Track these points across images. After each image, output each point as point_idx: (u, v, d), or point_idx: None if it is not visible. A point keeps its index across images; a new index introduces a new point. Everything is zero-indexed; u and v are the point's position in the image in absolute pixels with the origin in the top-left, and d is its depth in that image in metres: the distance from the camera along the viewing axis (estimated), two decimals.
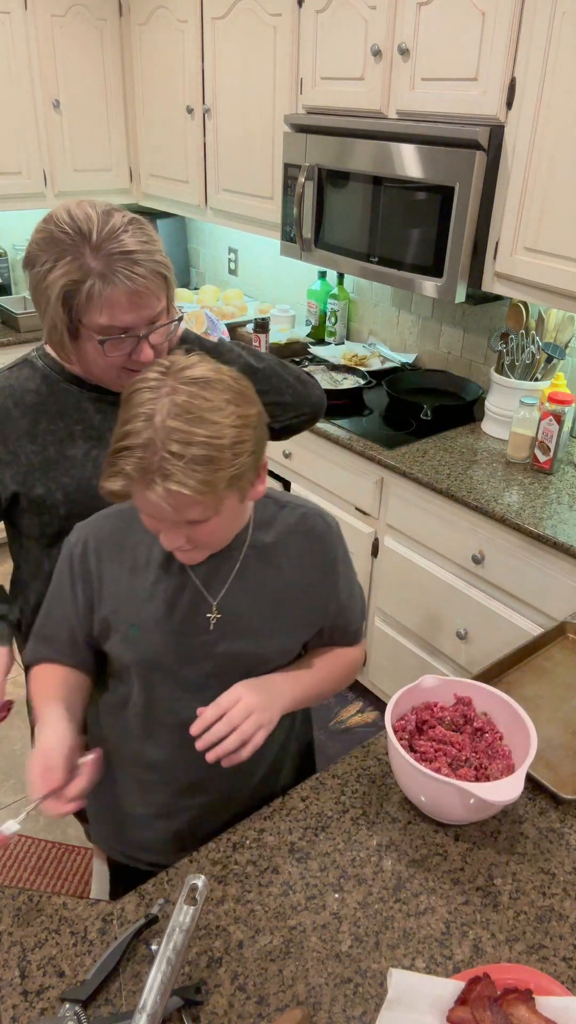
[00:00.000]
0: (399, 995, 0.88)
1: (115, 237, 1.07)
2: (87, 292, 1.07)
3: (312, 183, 2.44)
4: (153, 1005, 0.80)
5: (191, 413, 0.87)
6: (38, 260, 1.10)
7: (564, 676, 1.42)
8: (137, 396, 0.90)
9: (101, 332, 1.11)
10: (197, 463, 0.86)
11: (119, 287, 1.07)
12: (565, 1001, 0.87)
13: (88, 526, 1.12)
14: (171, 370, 0.91)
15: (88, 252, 1.06)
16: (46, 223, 1.10)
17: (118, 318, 1.10)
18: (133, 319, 1.11)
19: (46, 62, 3.07)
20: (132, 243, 1.08)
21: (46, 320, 1.13)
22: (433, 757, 1.11)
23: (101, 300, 1.08)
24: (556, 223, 1.88)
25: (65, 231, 1.07)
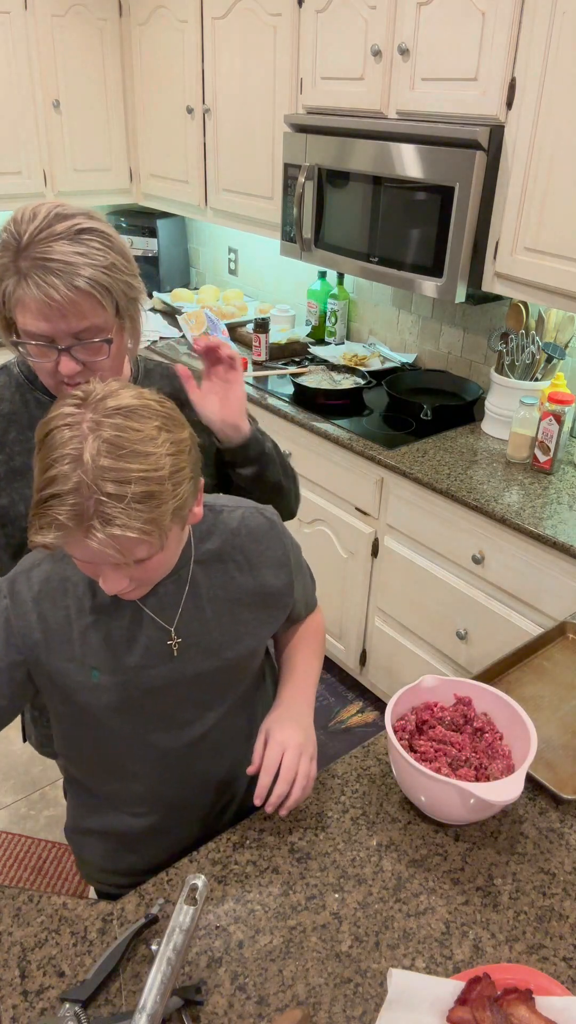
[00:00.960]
0: (399, 995, 0.88)
1: (46, 243, 1.03)
2: (10, 293, 1.06)
3: (312, 183, 2.44)
4: (153, 1005, 0.80)
5: (122, 448, 0.79)
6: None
7: (564, 676, 1.42)
8: (57, 435, 0.81)
9: (25, 335, 1.09)
10: (138, 501, 0.79)
11: (29, 293, 1.04)
12: (565, 1001, 0.87)
13: (20, 578, 1.02)
14: (89, 400, 0.83)
15: (19, 253, 1.04)
16: (8, 220, 1.09)
17: (36, 325, 1.06)
18: (48, 329, 1.07)
19: (46, 62, 3.07)
20: (62, 253, 1.03)
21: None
22: (433, 757, 1.11)
23: (14, 301, 1.06)
24: (556, 223, 1.88)
25: (10, 228, 1.06)
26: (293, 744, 1.07)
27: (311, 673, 1.22)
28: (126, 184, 3.49)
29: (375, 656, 2.59)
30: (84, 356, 1.11)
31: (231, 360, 1.25)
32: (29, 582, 1.01)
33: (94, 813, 1.20)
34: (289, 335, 3.06)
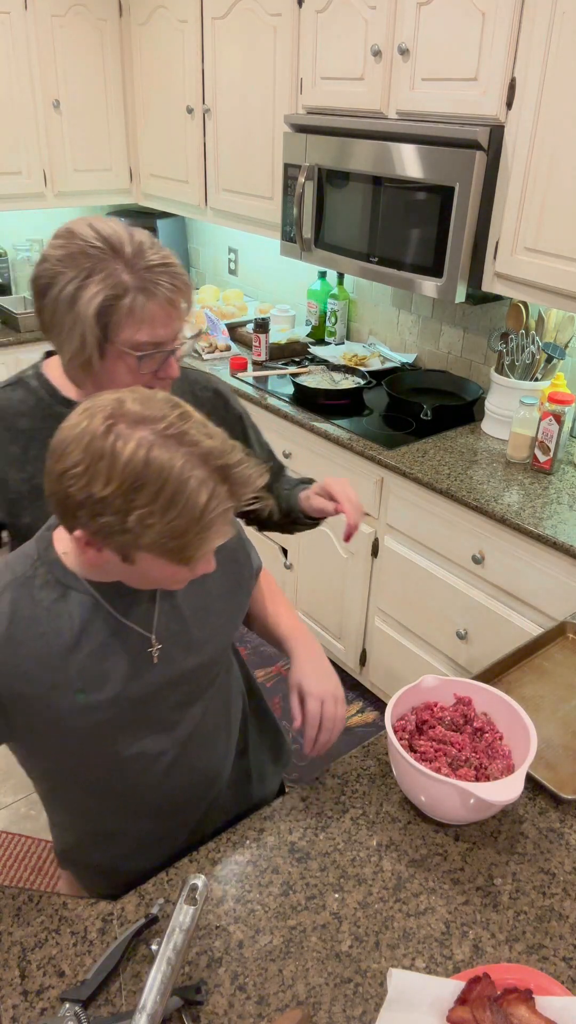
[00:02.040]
0: (399, 995, 0.88)
1: (152, 250, 1.05)
2: (128, 307, 1.02)
3: (312, 183, 2.44)
4: (153, 1005, 0.80)
5: (204, 426, 0.84)
6: (61, 277, 1.03)
7: (564, 676, 1.42)
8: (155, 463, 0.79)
9: (137, 348, 1.06)
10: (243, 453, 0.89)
11: (159, 300, 1.04)
12: (565, 1001, 0.87)
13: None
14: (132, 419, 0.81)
15: (122, 267, 1.02)
16: (68, 239, 1.04)
17: (155, 332, 1.06)
18: (166, 333, 1.07)
19: (46, 62, 3.07)
20: (164, 256, 1.06)
21: (71, 340, 1.05)
22: (433, 757, 1.11)
23: (142, 314, 1.04)
24: (556, 223, 1.88)
25: (94, 246, 1.02)
26: (329, 695, 1.16)
27: (302, 624, 1.27)
28: (126, 184, 3.49)
29: (375, 656, 2.59)
30: (181, 354, 1.13)
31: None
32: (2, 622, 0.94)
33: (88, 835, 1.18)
34: (289, 335, 3.06)
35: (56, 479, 0.83)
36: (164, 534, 0.81)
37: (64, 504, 0.83)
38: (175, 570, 0.88)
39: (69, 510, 0.83)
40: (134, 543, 0.82)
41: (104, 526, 0.81)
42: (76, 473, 0.80)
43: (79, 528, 0.84)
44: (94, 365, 1.07)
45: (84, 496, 0.80)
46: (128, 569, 0.89)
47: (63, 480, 0.81)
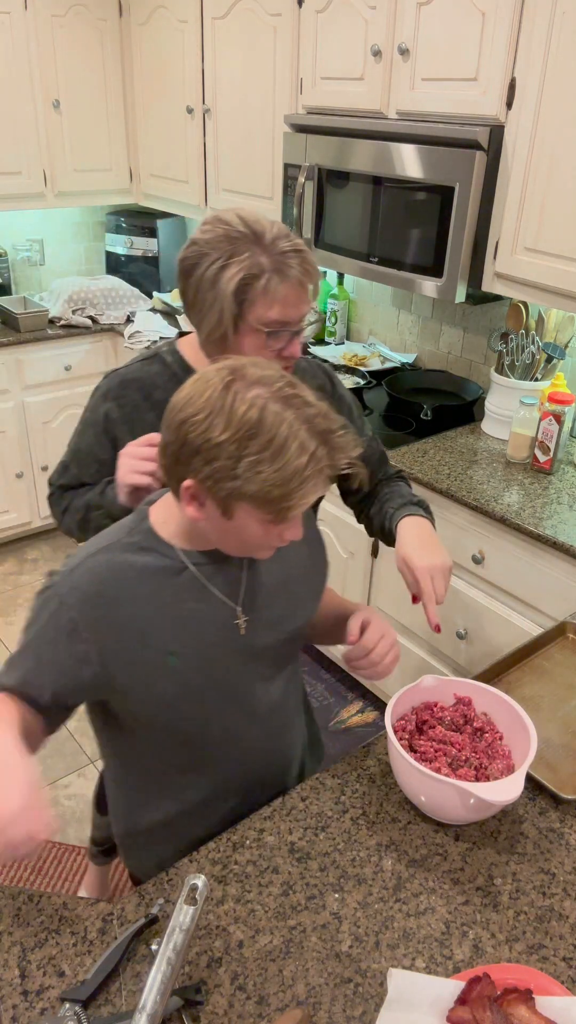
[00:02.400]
0: (399, 995, 0.88)
1: (285, 238, 1.16)
2: (263, 286, 1.13)
3: (312, 183, 2.44)
4: (153, 1005, 0.80)
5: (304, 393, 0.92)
6: (206, 258, 1.14)
7: (564, 676, 1.42)
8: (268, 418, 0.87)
9: (267, 326, 1.17)
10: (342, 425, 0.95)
11: (292, 281, 1.15)
12: (565, 1001, 0.87)
13: (77, 576, 1.01)
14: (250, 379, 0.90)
15: (260, 251, 1.13)
16: (214, 224, 1.16)
17: (285, 312, 1.17)
18: (295, 314, 1.18)
19: (46, 62, 3.07)
20: (295, 243, 1.16)
21: (210, 315, 1.16)
22: (433, 757, 1.11)
23: (276, 294, 1.14)
24: (556, 223, 1.88)
25: (238, 231, 1.14)
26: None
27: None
28: (126, 184, 3.49)
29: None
30: (303, 337, 1.23)
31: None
32: (91, 577, 1.00)
33: (157, 810, 1.19)
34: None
35: (176, 427, 0.90)
36: (269, 482, 0.87)
37: (180, 452, 0.90)
38: (268, 530, 0.93)
39: (185, 457, 0.90)
40: (239, 491, 0.88)
41: (216, 471, 0.88)
42: (196, 421, 0.88)
43: (190, 477, 0.90)
44: (228, 340, 1.18)
45: (202, 442, 0.87)
46: (224, 527, 0.94)
47: (183, 427, 0.89)
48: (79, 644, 1.00)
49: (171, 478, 0.94)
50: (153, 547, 1.01)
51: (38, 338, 3.25)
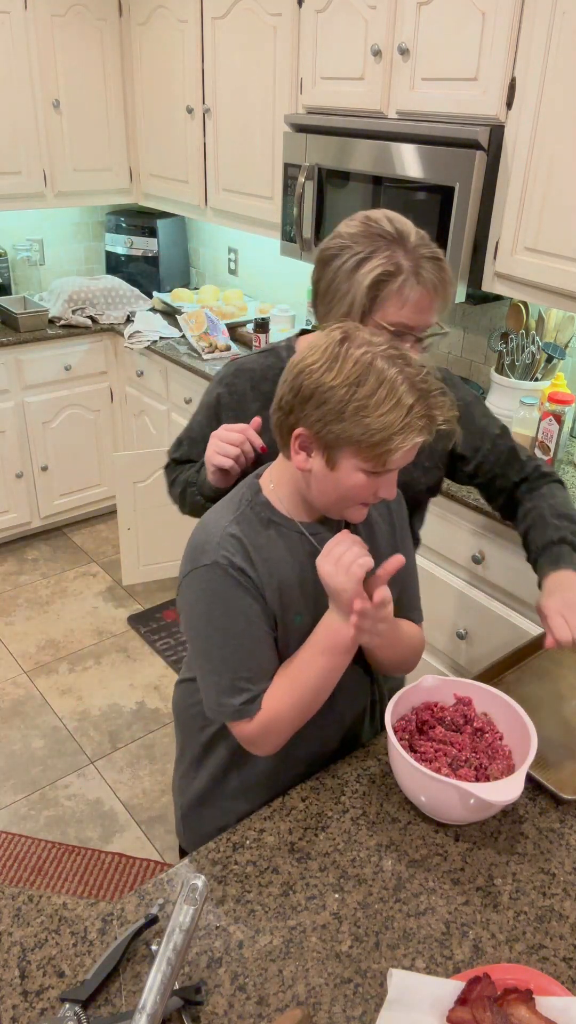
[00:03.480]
0: (399, 995, 0.88)
1: (425, 244, 1.19)
2: (398, 286, 1.17)
3: (312, 183, 2.44)
4: (153, 1005, 0.80)
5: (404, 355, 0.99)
6: (347, 250, 1.19)
7: (564, 676, 1.42)
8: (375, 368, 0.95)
9: (392, 326, 1.19)
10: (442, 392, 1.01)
11: (426, 287, 1.17)
12: (565, 1001, 0.87)
13: (224, 542, 1.06)
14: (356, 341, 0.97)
15: (402, 253, 1.17)
16: (363, 222, 1.21)
17: (412, 316, 1.19)
18: (421, 320, 1.20)
19: (46, 62, 3.07)
20: (435, 251, 1.20)
21: (339, 306, 1.20)
22: (433, 757, 1.11)
23: (408, 296, 1.17)
24: (556, 223, 1.88)
25: (385, 231, 1.19)
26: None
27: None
28: (126, 184, 3.49)
29: None
30: (422, 348, 1.25)
31: None
32: (234, 542, 1.06)
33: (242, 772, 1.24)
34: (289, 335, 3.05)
35: (294, 375, 0.98)
36: (372, 427, 0.94)
37: (295, 400, 0.98)
38: (366, 482, 0.99)
39: (299, 402, 0.97)
40: (344, 434, 0.95)
41: (325, 414, 0.96)
42: (313, 368, 0.96)
43: (301, 423, 0.98)
44: None
45: (316, 386, 0.95)
46: (327, 477, 1.00)
47: (300, 374, 0.97)
48: (253, 587, 1.05)
49: (283, 431, 1.02)
50: (271, 517, 1.09)
51: (38, 338, 3.25)
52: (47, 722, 2.64)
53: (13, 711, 2.68)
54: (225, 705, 1.07)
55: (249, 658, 1.07)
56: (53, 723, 2.63)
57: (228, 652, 1.07)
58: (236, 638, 1.06)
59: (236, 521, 1.08)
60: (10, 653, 2.96)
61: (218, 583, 1.05)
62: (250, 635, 1.07)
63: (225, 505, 1.11)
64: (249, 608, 1.06)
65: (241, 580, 1.05)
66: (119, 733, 2.61)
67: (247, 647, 1.07)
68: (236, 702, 1.07)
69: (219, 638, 1.06)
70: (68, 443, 3.51)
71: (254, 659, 1.07)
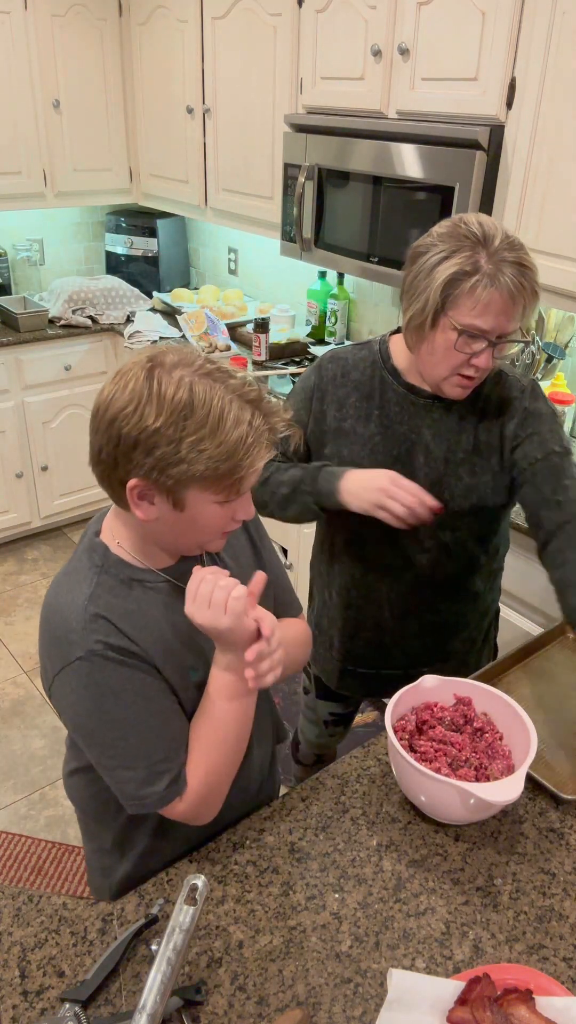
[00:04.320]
0: (399, 995, 0.88)
1: (511, 249, 1.16)
2: (471, 286, 1.15)
3: (312, 183, 2.44)
4: (153, 1005, 0.80)
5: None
6: (433, 248, 1.19)
7: (564, 676, 1.42)
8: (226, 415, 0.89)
9: (465, 328, 1.19)
10: None
11: (501, 290, 1.15)
12: (565, 1001, 0.87)
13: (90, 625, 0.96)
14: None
15: (484, 254, 1.15)
16: (453, 223, 1.20)
17: (486, 319, 1.17)
18: (495, 324, 1.18)
19: (46, 62, 3.07)
20: (522, 259, 1.17)
21: (417, 301, 1.21)
22: (433, 757, 1.11)
23: (481, 297, 1.16)
24: (556, 223, 1.88)
25: (472, 231, 1.17)
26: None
27: None
28: (126, 184, 3.49)
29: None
30: (498, 354, 1.23)
31: None
32: (97, 625, 0.96)
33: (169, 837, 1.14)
34: (289, 335, 3.06)
35: (107, 427, 0.88)
36: (215, 457, 0.87)
37: (117, 450, 0.88)
38: (221, 512, 0.94)
39: (124, 453, 0.88)
40: (187, 475, 0.88)
41: (159, 459, 0.87)
42: (127, 413, 0.86)
43: (133, 474, 0.89)
44: (425, 331, 1.23)
45: (138, 432, 0.86)
46: (178, 520, 0.93)
47: (114, 424, 0.87)
48: (140, 662, 0.97)
49: (112, 484, 0.92)
50: (131, 576, 0.99)
51: (38, 338, 3.24)
52: (47, 722, 2.64)
53: (13, 711, 2.68)
54: (148, 796, 0.97)
55: (159, 739, 0.98)
56: (53, 723, 2.63)
57: (134, 742, 0.96)
58: (139, 725, 0.97)
59: (93, 597, 0.97)
60: (10, 653, 2.96)
61: (98, 674, 0.94)
62: (152, 714, 0.98)
63: (72, 580, 0.99)
64: (143, 686, 0.97)
65: (125, 659, 0.95)
66: None
67: (154, 729, 0.98)
68: (159, 789, 0.97)
69: (119, 731, 0.96)
70: (68, 443, 3.51)
71: (164, 738, 0.98)
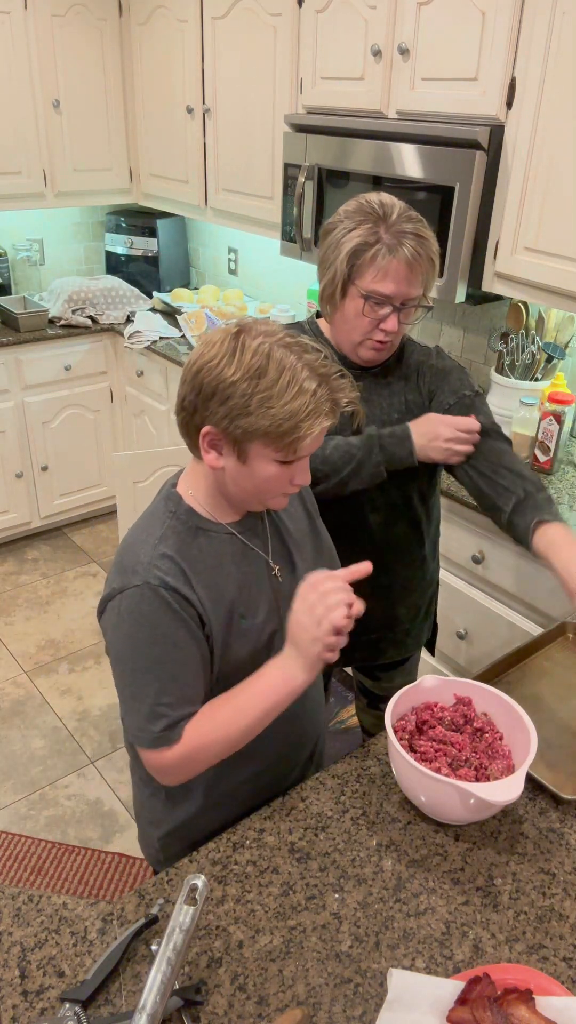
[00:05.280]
0: (399, 995, 0.88)
1: (409, 221, 1.29)
2: (372, 255, 1.28)
3: (312, 183, 2.44)
4: (153, 1005, 0.80)
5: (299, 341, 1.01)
6: (340, 225, 1.32)
7: (564, 676, 1.42)
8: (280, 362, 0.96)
9: (369, 294, 1.31)
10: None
11: (400, 259, 1.28)
12: (565, 1001, 0.87)
13: (156, 562, 1.02)
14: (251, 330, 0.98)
15: (383, 227, 1.28)
16: (357, 201, 1.33)
17: (387, 286, 1.30)
18: (397, 290, 1.30)
19: (46, 62, 3.07)
20: (419, 230, 1.30)
21: (328, 275, 1.34)
22: (433, 757, 1.11)
23: (381, 265, 1.28)
24: (556, 223, 1.88)
25: (372, 207, 1.30)
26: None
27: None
28: (126, 184, 3.49)
29: None
30: (403, 319, 1.35)
31: None
32: (165, 563, 1.02)
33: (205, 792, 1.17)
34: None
35: (192, 377, 0.97)
36: (279, 416, 0.94)
37: (198, 399, 0.97)
38: (280, 472, 1.00)
39: (202, 400, 0.97)
40: (252, 427, 0.95)
41: (231, 410, 0.95)
42: (211, 366, 0.96)
43: (208, 422, 0.98)
44: (336, 300, 1.36)
45: (217, 383, 0.95)
46: (241, 472, 1.01)
47: (199, 375, 0.97)
48: (187, 608, 1.03)
49: (189, 431, 1.02)
50: (198, 524, 1.07)
51: (38, 338, 3.24)
52: (47, 722, 2.64)
53: (13, 711, 2.68)
54: (144, 731, 1.03)
55: (172, 684, 1.02)
56: (53, 723, 2.63)
57: (150, 678, 1.02)
58: (160, 665, 1.02)
59: (163, 538, 1.04)
60: (10, 653, 2.96)
61: (146, 605, 1.00)
62: (174, 660, 1.02)
63: (147, 522, 1.07)
64: (176, 631, 1.02)
65: (172, 601, 1.01)
66: (119, 733, 2.60)
67: (171, 674, 1.02)
68: (155, 729, 1.02)
69: (142, 663, 1.02)
70: (68, 443, 3.51)
71: (176, 685, 1.03)
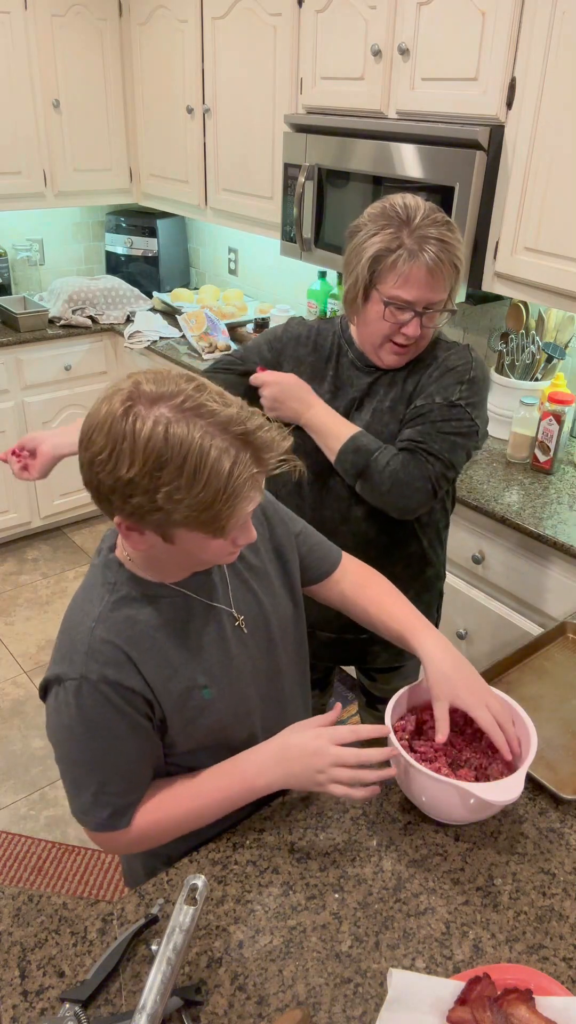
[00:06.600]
0: (399, 995, 0.88)
1: (434, 225, 1.28)
2: (392, 261, 1.28)
3: (312, 183, 2.44)
4: (153, 1005, 0.80)
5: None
6: (364, 228, 1.32)
7: (564, 676, 1.42)
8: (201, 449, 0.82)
9: (390, 299, 1.31)
10: None
11: (421, 264, 1.27)
12: (565, 1001, 0.87)
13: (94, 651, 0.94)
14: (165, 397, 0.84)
15: (406, 232, 1.27)
16: (382, 203, 1.32)
17: (409, 291, 1.29)
18: (419, 295, 1.30)
19: (46, 62, 3.07)
20: (444, 235, 1.28)
21: (351, 278, 1.34)
22: (433, 757, 1.11)
23: (402, 270, 1.28)
24: (556, 223, 1.88)
25: (396, 211, 1.29)
26: (488, 696, 1.09)
27: (421, 615, 1.18)
28: (126, 184, 3.49)
29: None
30: (426, 323, 1.34)
31: None
32: (105, 648, 0.94)
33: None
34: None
35: (87, 468, 0.85)
36: (194, 507, 0.83)
37: (98, 491, 0.86)
38: (215, 543, 0.89)
39: (103, 496, 0.86)
40: (168, 520, 0.85)
41: (137, 507, 0.83)
42: (102, 459, 0.82)
43: (116, 514, 0.87)
44: (358, 302, 1.36)
45: (113, 480, 0.82)
46: (172, 550, 0.91)
47: (93, 467, 0.84)
48: (132, 699, 0.95)
49: (104, 512, 0.90)
50: (144, 592, 0.98)
51: (38, 338, 3.24)
52: None
53: (13, 711, 2.68)
54: (89, 815, 0.98)
55: (115, 774, 0.97)
56: None
57: (92, 770, 0.97)
58: (102, 755, 0.96)
59: (101, 619, 0.95)
60: (10, 653, 2.96)
61: (86, 699, 0.93)
62: (117, 752, 0.96)
63: (87, 596, 0.98)
64: (118, 726, 0.95)
65: (113, 695, 0.93)
66: None
67: (112, 764, 0.97)
68: (102, 816, 0.98)
69: (82, 755, 0.96)
70: None
71: (119, 775, 0.98)
